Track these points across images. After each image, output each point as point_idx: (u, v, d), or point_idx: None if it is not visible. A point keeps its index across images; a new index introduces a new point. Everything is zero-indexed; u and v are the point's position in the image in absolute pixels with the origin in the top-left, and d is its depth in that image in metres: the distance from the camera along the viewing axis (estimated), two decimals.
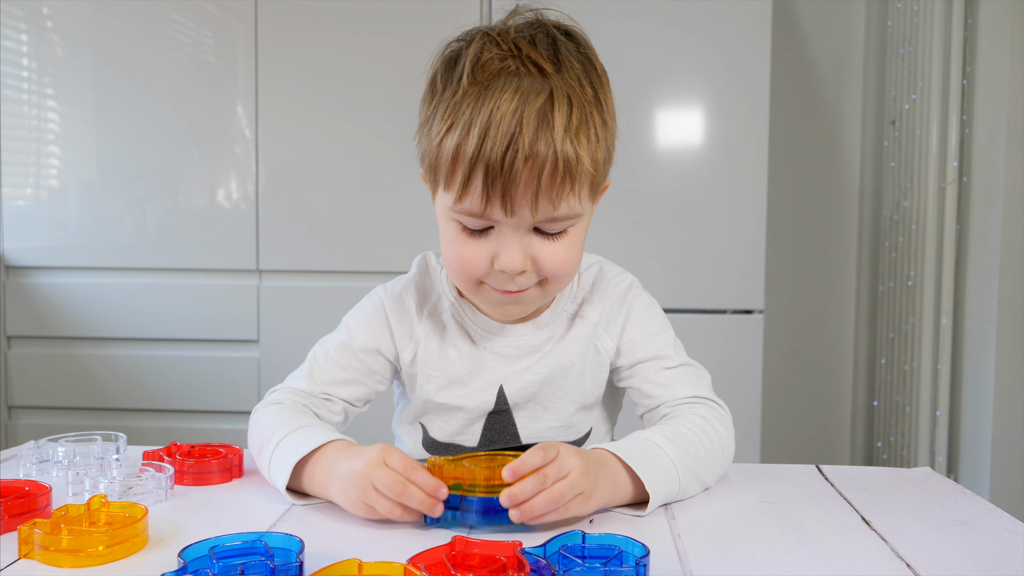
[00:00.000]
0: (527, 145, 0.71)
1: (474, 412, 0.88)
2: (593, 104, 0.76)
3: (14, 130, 2.06)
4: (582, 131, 0.74)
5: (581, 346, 0.88)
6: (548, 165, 0.72)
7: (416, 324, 0.89)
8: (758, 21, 1.87)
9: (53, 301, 2.07)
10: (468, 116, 0.73)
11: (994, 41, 1.88)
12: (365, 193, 2.00)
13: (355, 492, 0.69)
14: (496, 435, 0.89)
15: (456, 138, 0.74)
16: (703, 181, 1.91)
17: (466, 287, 0.81)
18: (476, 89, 0.74)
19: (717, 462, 0.80)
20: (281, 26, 2.00)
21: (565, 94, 0.74)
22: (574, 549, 0.60)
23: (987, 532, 0.69)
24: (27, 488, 0.71)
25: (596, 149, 0.76)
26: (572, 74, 0.76)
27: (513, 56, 0.75)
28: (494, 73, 0.74)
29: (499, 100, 0.72)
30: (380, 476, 0.67)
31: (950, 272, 1.98)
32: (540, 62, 0.75)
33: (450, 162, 0.75)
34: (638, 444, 0.76)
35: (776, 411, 2.37)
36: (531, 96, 0.73)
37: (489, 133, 0.71)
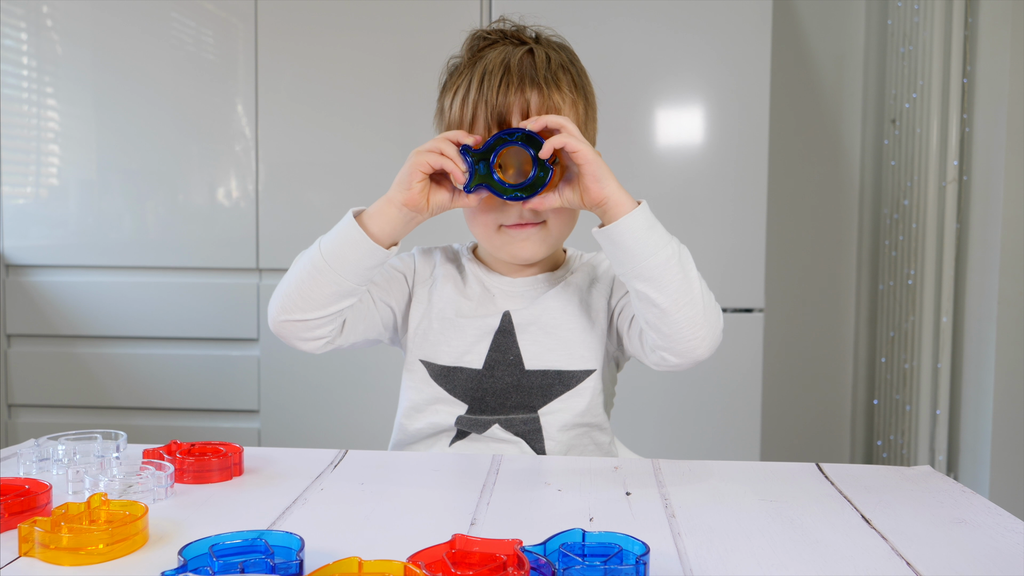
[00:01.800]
0: (515, 84, 0.90)
1: (481, 330, 0.97)
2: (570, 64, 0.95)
3: (14, 129, 2.06)
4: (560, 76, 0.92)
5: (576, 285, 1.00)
6: (534, 95, 0.90)
7: (437, 267, 1.03)
8: (758, 21, 1.87)
9: (53, 300, 2.07)
10: (467, 78, 0.92)
11: (994, 40, 1.88)
12: (365, 192, 2.00)
13: (407, 164, 0.86)
14: (500, 356, 0.96)
15: (460, 95, 0.92)
16: (703, 181, 1.91)
17: (485, 232, 0.95)
18: (471, 61, 0.94)
19: (703, 294, 0.87)
20: (281, 26, 2.00)
21: (544, 52, 0.93)
22: (574, 547, 0.60)
23: (987, 530, 0.69)
24: (27, 486, 0.71)
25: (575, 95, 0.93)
26: (550, 45, 0.96)
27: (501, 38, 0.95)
28: (485, 48, 0.94)
29: (489, 59, 0.92)
30: (423, 145, 0.86)
31: (950, 271, 1.98)
32: (522, 37, 0.96)
33: (459, 114, 0.92)
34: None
35: (776, 410, 2.37)
36: (514, 53, 0.92)
37: (484, 82, 0.90)
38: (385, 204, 0.88)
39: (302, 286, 0.89)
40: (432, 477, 0.83)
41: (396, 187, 0.87)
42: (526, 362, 0.96)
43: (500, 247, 0.96)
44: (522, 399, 0.96)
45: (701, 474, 0.85)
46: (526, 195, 0.87)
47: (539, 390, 0.96)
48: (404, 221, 0.88)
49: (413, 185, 0.86)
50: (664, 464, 0.88)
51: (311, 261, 0.89)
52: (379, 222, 0.88)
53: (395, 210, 0.87)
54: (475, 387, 0.97)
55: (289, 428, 2.03)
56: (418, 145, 0.89)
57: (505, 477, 0.83)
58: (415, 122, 1.99)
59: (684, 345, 0.86)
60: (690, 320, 0.85)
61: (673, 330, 0.85)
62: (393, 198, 0.87)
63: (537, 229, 0.94)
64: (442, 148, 0.85)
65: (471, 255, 1.04)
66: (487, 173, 0.86)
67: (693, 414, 1.91)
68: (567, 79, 0.93)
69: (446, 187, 0.88)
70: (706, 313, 0.85)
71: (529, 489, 0.79)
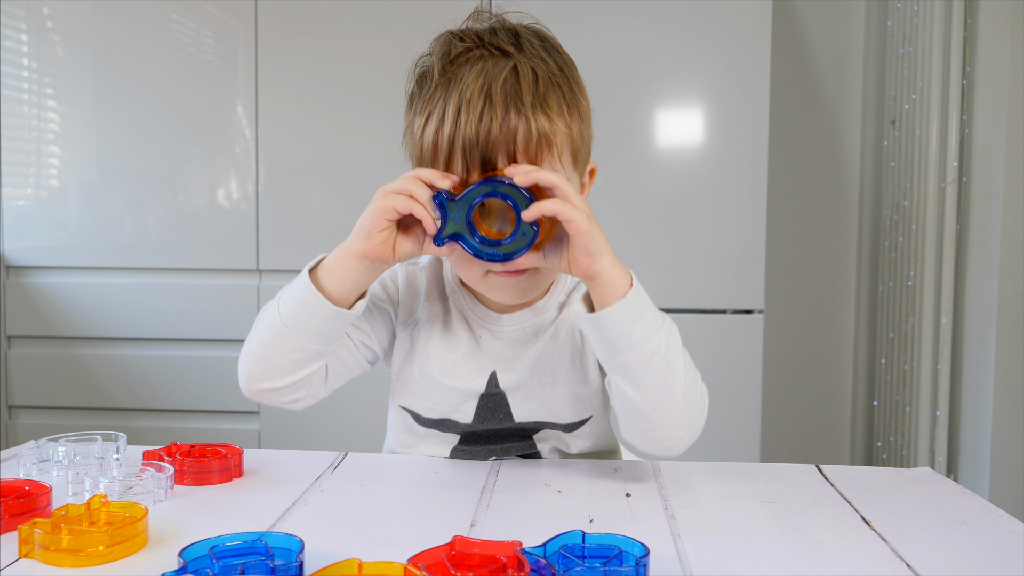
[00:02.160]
0: (499, 116, 0.76)
1: (466, 392, 0.89)
2: (559, 77, 0.81)
3: (14, 130, 2.06)
4: (550, 98, 0.79)
5: (567, 331, 0.90)
6: (521, 131, 0.76)
7: (420, 306, 0.92)
8: (758, 21, 1.87)
9: (53, 301, 2.07)
10: (442, 103, 0.78)
11: (994, 41, 1.88)
12: (365, 193, 1.99)
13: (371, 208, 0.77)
14: (489, 414, 0.90)
15: (434, 124, 0.78)
16: (703, 181, 1.91)
17: (472, 279, 0.84)
18: (445, 79, 0.80)
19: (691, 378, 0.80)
20: (281, 26, 2.00)
21: (529, 67, 0.79)
22: (574, 549, 0.60)
23: (987, 532, 0.69)
24: (27, 488, 0.71)
25: (569, 116, 0.80)
26: (534, 53, 0.81)
27: (477, 46, 0.81)
28: (460, 63, 0.80)
29: (467, 81, 0.78)
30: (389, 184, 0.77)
31: (950, 272, 1.98)
32: (502, 45, 0.81)
33: (432, 148, 0.79)
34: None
35: (776, 411, 2.37)
36: (495, 73, 0.78)
37: (461, 113, 0.76)
38: (344, 255, 0.78)
39: (265, 353, 0.81)
40: (432, 479, 0.83)
41: (356, 234, 0.77)
42: (516, 417, 0.90)
43: (487, 291, 0.85)
44: (515, 433, 0.92)
45: (701, 475, 0.85)
46: (503, 255, 0.75)
47: (533, 430, 0.92)
48: (366, 272, 0.78)
49: (374, 235, 0.76)
50: (664, 465, 0.88)
51: (272, 325, 0.80)
52: (338, 277, 0.78)
53: (355, 262, 0.77)
54: (464, 430, 0.92)
55: (289, 430, 2.03)
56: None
57: (505, 479, 0.83)
58: None
59: (656, 444, 0.80)
60: (667, 422, 0.78)
61: (647, 427, 0.79)
62: (352, 248, 0.77)
63: (526, 276, 0.83)
64: (412, 191, 0.75)
65: (457, 282, 0.93)
66: (463, 223, 0.75)
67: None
68: (557, 98, 0.79)
69: (415, 233, 0.78)
70: (686, 412, 0.78)
71: (529, 491, 0.79)
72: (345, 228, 2.37)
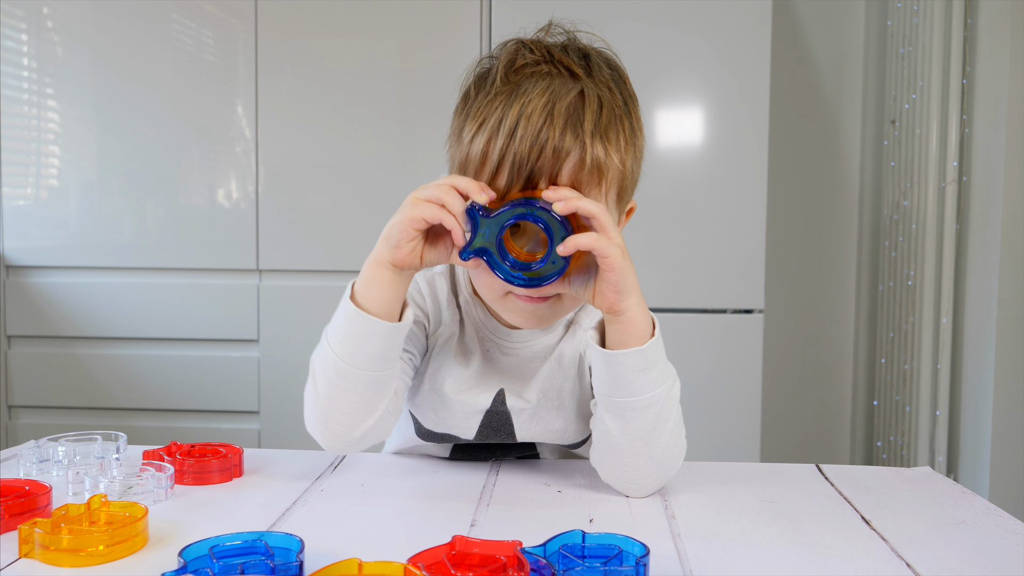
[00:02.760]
0: (556, 137, 0.73)
1: (472, 408, 0.88)
2: (623, 111, 0.78)
3: (14, 130, 2.06)
4: (611, 130, 0.76)
5: (573, 352, 0.89)
6: (575, 159, 0.74)
7: (444, 309, 0.90)
8: (758, 21, 1.87)
9: (53, 301, 2.07)
10: (499, 113, 0.75)
11: (994, 41, 1.88)
12: (365, 193, 2.00)
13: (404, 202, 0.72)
14: (492, 432, 0.89)
15: (487, 134, 0.75)
16: (703, 181, 1.91)
17: (492, 296, 0.82)
18: (508, 88, 0.76)
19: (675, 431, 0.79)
20: (281, 26, 2.00)
21: (596, 95, 0.76)
22: (574, 549, 0.60)
23: (987, 532, 0.69)
24: (27, 488, 0.71)
25: (624, 152, 0.77)
26: (603, 81, 0.78)
27: (546, 61, 0.78)
28: (526, 75, 0.77)
29: (530, 96, 0.74)
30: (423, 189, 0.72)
31: (950, 272, 1.98)
32: (572, 66, 0.77)
33: (479, 157, 0.76)
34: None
35: (776, 411, 2.37)
36: (561, 93, 0.75)
37: (518, 128, 0.73)
38: (375, 267, 0.74)
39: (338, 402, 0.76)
40: (432, 479, 0.83)
41: (384, 243, 0.74)
42: (519, 437, 0.88)
43: (505, 312, 0.83)
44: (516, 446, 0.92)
45: (701, 475, 0.85)
46: (530, 280, 0.73)
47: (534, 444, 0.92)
48: (401, 280, 0.75)
49: (403, 244, 0.72)
50: None
51: (334, 371, 0.75)
52: (379, 293, 0.74)
53: (387, 272, 0.74)
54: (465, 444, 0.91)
55: (289, 429, 2.03)
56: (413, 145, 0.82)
57: (505, 479, 0.83)
58: (415, 122, 1.99)
59: (621, 483, 0.79)
60: (639, 468, 0.77)
61: (617, 465, 0.78)
62: (382, 258, 0.74)
63: (548, 304, 0.80)
64: (446, 200, 0.71)
65: (471, 292, 0.90)
66: (492, 241, 0.72)
67: (693, 415, 1.90)
68: (617, 131, 0.76)
69: (443, 241, 0.75)
70: (660, 465, 0.77)
71: (529, 491, 0.79)
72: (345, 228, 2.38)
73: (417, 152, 1.99)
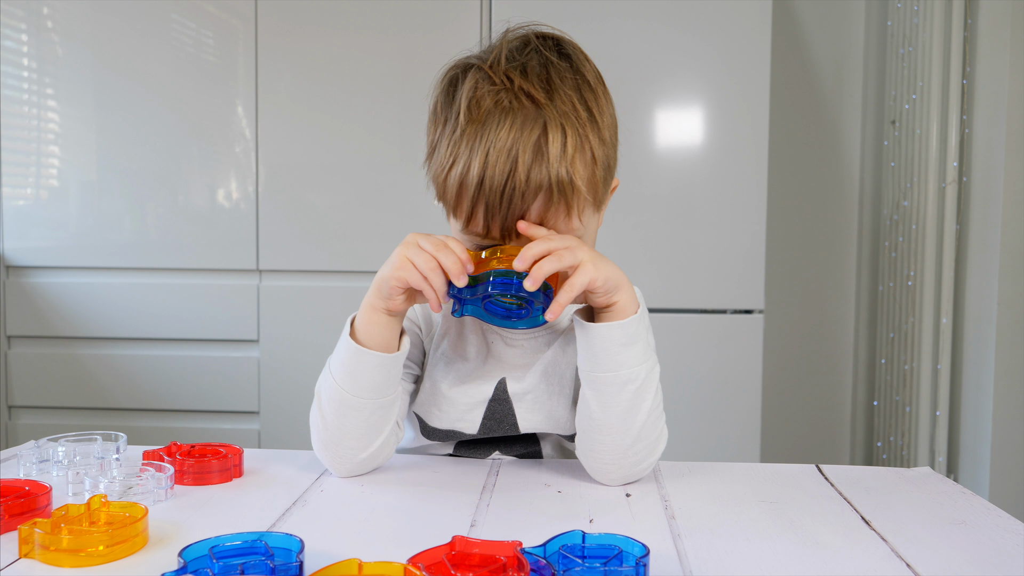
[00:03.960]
0: (524, 177, 0.77)
1: (474, 399, 0.90)
2: (588, 125, 0.80)
3: (14, 130, 2.06)
4: (578, 157, 0.78)
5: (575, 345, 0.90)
6: (543, 193, 0.78)
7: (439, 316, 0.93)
8: (758, 21, 1.87)
9: (53, 301, 2.07)
10: (468, 154, 0.78)
11: (994, 41, 1.88)
12: (365, 193, 2.00)
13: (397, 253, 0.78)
14: (495, 424, 0.90)
15: (459, 173, 0.79)
16: (703, 181, 1.91)
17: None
18: (473, 127, 0.79)
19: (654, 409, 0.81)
20: (281, 26, 2.00)
21: (558, 123, 0.78)
22: (574, 549, 0.60)
23: (987, 532, 0.69)
24: (27, 488, 0.71)
25: (593, 170, 0.80)
26: (565, 99, 0.80)
27: (506, 89, 0.80)
28: (489, 109, 0.79)
29: (495, 137, 0.77)
30: (423, 239, 0.78)
31: (950, 272, 1.98)
32: (533, 92, 0.79)
33: (455, 194, 0.80)
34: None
35: (776, 411, 2.37)
36: (525, 129, 0.77)
37: (487, 168, 0.77)
38: (370, 312, 0.80)
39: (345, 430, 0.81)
40: (432, 479, 0.83)
41: (376, 293, 0.80)
42: (521, 426, 0.90)
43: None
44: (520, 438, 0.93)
45: (701, 475, 0.85)
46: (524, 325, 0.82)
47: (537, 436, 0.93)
48: (396, 321, 0.81)
49: (393, 297, 0.79)
50: (664, 465, 0.88)
51: (339, 401, 0.81)
52: (377, 332, 0.80)
53: (383, 316, 0.80)
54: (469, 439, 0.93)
55: (289, 430, 2.03)
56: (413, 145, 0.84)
57: (505, 479, 0.83)
58: (415, 122, 1.99)
59: (594, 466, 0.82)
60: (614, 448, 0.80)
61: (594, 446, 0.81)
62: (375, 305, 0.80)
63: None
64: (431, 279, 0.76)
65: None
66: (479, 308, 0.79)
67: (693, 415, 1.91)
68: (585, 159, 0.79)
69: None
70: (634, 446, 0.80)
71: (529, 491, 0.79)
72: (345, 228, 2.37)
73: (417, 152, 1.99)
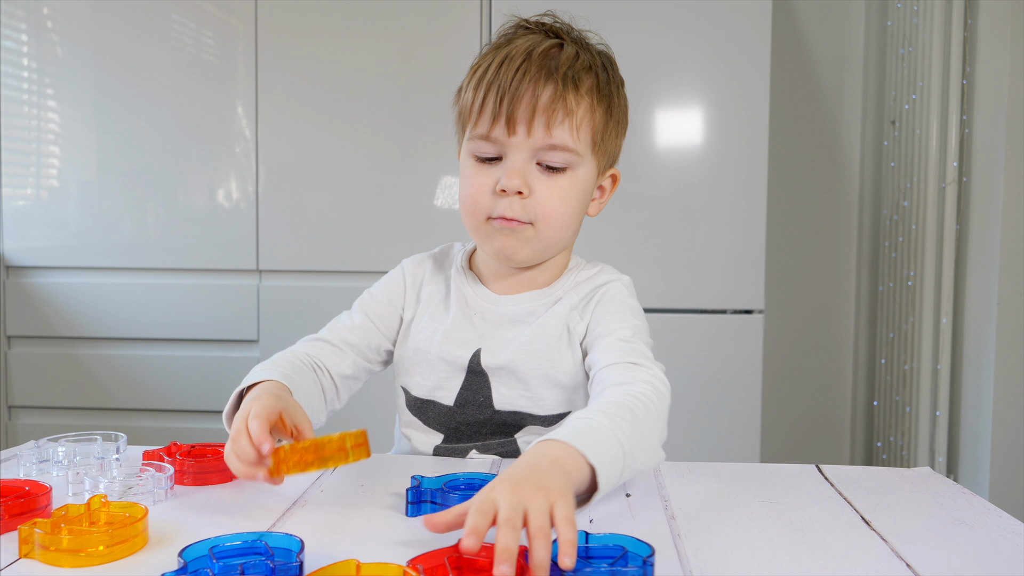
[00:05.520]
0: (533, 71, 0.85)
1: (452, 365, 0.93)
2: (599, 68, 0.89)
3: (14, 130, 2.06)
4: (584, 76, 0.87)
5: (558, 324, 0.93)
6: (548, 89, 0.85)
7: (425, 285, 0.99)
8: (758, 21, 1.87)
9: (53, 301, 2.07)
10: (488, 59, 0.88)
11: (994, 41, 1.88)
12: (365, 193, 2.00)
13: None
14: (472, 395, 0.92)
15: (479, 74, 0.88)
16: (703, 181, 1.91)
17: (474, 221, 0.90)
18: (497, 45, 0.90)
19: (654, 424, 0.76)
20: (281, 26, 2.00)
21: (574, 50, 0.88)
22: (579, 550, 0.59)
23: (987, 532, 0.69)
24: (27, 488, 0.71)
25: (595, 99, 0.88)
26: (584, 47, 0.90)
27: (537, 31, 0.91)
28: (515, 37, 0.90)
29: (515, 45, 0.88)
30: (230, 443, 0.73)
31: (950, 272, 1.98)
32: (559, 33, 0.90)
33: (471, 92, 0.88)
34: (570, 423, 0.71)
35: (776, 411, 2.37)
36: (541, 43, 0.87)
37: (503, 66, 0.86)
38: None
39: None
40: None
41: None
42: (496, 404, 0.92)
43: (485, 239, 0.91)
44: (496, 429, 0.93)
45: (701, 476, 0.85)
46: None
47: (513, 425, 0.93)
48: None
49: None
50: (664, 466, 0.88)
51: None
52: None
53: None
54: (448, 420, 0.94)
55: None
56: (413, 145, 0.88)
57: None
58: (415, 122, 1.99)
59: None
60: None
61: None
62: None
63: (524, 228, 0.88)
64: (236, 451, 0.72)
65: (464, 264, 0.99)
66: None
67: (693, 415, 1.91)
68: (591, 81, 0.87)
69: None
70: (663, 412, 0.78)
71: None
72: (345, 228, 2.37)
73: (417, 152, 1.99)
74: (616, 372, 0.82)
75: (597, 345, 0.89)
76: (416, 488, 0.71)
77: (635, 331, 0.89)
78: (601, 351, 0.87)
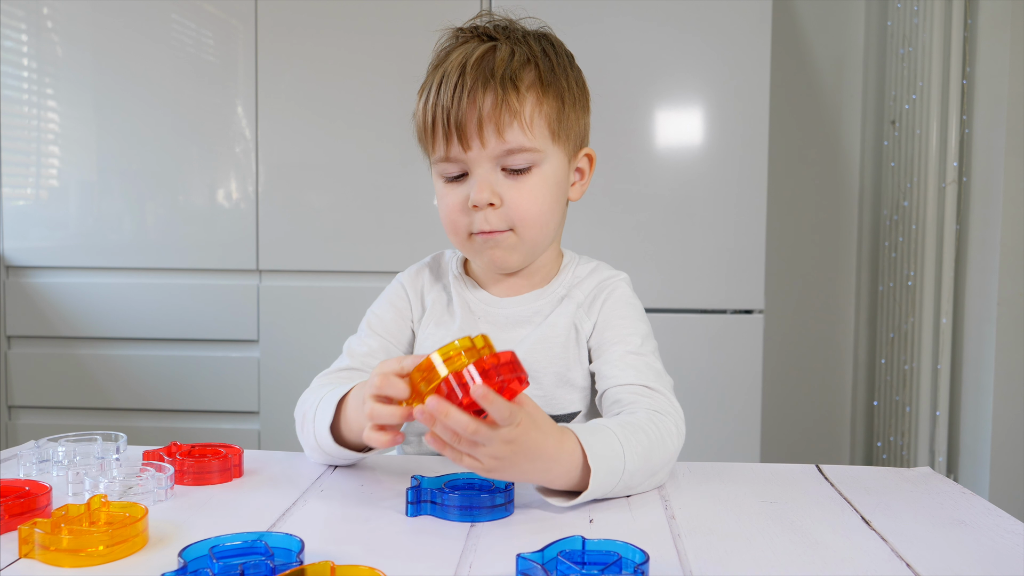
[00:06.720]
0: (470, 82, 0.84)
1: None
2: (539, 58, 0.88)
3: (14, 130, 2.06)
4: (523, 72, 0.86)
5: (565, 322, 0.93)
6: (489, 97, 0.84)
7: (426, 294, 0.99)
8: (758, 21, 1.87)
9: (53, 301, 2.07)
10: (431, 79, 0.88)
11: (994, 41, 1.88)
12: (365, 193, 2.00)
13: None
14: None
15: (424, 98, 0.88)
16: (703, 181, 1.91)
17: (458, 240, 0.91)
18: (436, 63, 0.90)
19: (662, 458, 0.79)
20: (281, 26, 2.00)
21: (508, 46, 0.87)
22: (572, 555, 0.59)
23: (987, 532, 0.69)
24: (27, 488, 0.71)
25: (541, 90, 0.86)
26: (518, 38, 0.89)
27: (471, 38, 0.90)
28: (450, 50, 0.90)
29: (451, 58, 0.87)
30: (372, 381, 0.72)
31: (950, 272, 1.98)
32: (490, 33, 0.89)
33: (422, 121, 0.89)
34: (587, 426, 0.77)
35: (776, 411, 2.37)
36: (473, 52, 0.86)
37: (442, 87, 0.86)
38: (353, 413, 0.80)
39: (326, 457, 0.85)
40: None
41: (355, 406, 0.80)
42: None
43: (475, 254, 0.92)
44: None
45: (701, 476, 0.85)
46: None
47: None
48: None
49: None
50: None
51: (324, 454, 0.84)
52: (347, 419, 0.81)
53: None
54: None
55: (289, 430, 2.01)
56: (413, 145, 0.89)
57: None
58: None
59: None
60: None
61: None
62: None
63: (505, 236, 0.88)
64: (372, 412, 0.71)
65: (460, 271, 0.99)
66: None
67: (693, 415, 1.90)
68: (531, 75, 0.86)
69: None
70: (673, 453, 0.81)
71: (529, 490, 0.79)
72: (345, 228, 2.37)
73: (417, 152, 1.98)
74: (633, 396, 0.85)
75: (607, 354, 0.90)
76: (416, 488, 0.71)
77: (643, 338, 0.91)
78: (613, 365, 0.88)
